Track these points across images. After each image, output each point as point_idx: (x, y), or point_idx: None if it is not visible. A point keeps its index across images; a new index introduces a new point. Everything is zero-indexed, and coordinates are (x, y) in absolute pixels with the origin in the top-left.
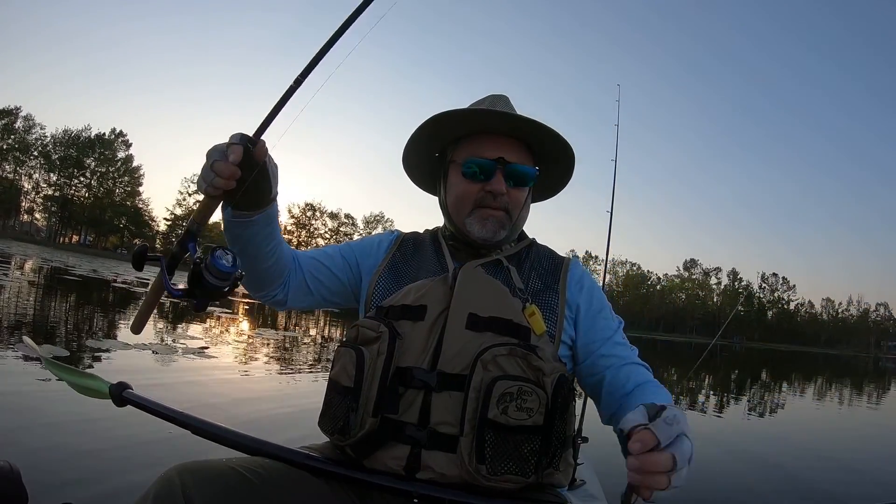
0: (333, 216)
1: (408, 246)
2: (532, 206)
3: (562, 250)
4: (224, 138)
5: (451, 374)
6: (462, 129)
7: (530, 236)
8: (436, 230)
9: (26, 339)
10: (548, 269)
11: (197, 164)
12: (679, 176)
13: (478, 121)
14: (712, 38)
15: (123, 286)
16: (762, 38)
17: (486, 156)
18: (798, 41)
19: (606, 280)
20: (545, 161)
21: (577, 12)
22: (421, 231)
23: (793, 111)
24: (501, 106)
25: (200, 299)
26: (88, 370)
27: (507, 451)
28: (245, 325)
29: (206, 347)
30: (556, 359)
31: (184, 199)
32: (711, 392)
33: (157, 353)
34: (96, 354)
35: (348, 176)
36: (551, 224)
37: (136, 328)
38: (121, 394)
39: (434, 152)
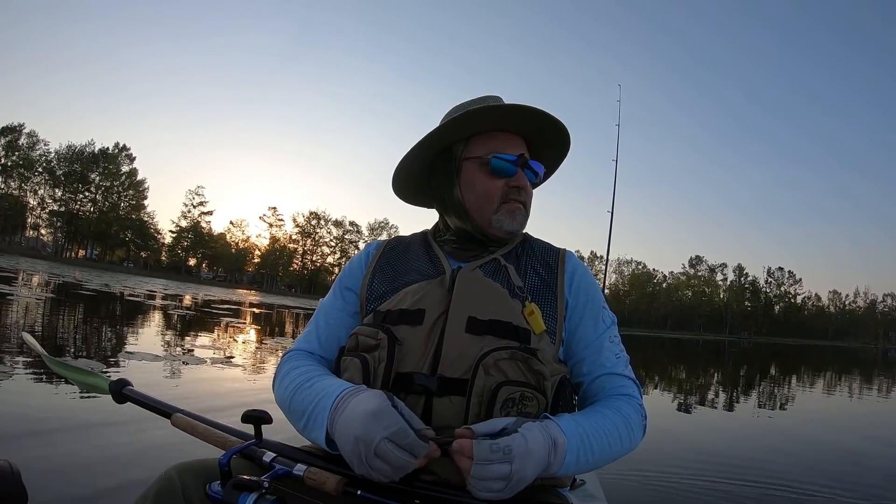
0: (338, 224)
1: (394, 248)
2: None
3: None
4: (230, 148)
5: (452, 378)
6: (479, 125)
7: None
8: (424, 232)
9: (26, 335)
10: (545, 264)
11: (201, 176)
12: (682, 173)
13: (495, 117)
14: (715, 31)
15: (137, 299)
16: (767, 32)
17: (509, 152)
18: (804, 36)
19: (613, 279)
20: (538, 156)
21: (576, 13)
22: (406, 235)
23: (795, 103)
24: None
25: None
26: (101, 370)
27: None
28: (260, 334)
29: (232, 357)
30: (556, 360)
31: (188, 212)
32: (722, 389)
33: (187, 363)
34: (127, 365)
35: (351, 184)
36: (554, 225)
37: None
38: (121, 390)
39: (435, 151)
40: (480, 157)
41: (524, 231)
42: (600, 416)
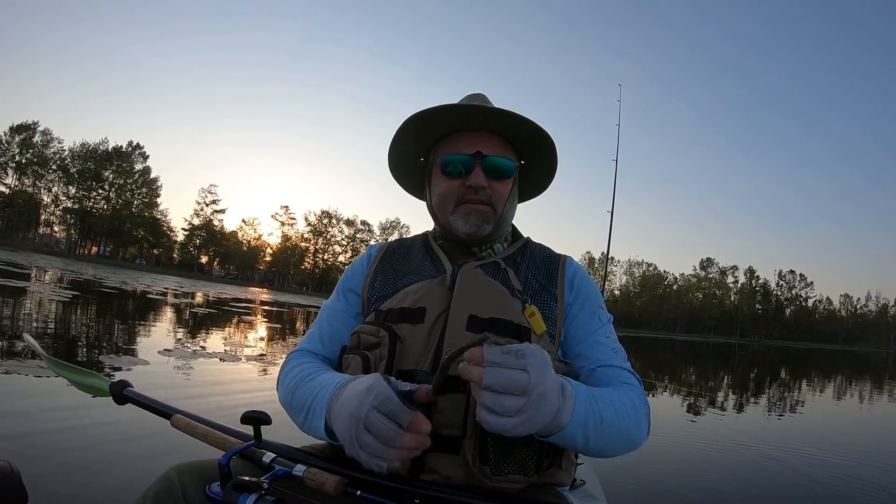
0: (350, 223)
1: (395, 250)
2: (536, 207)
3: (573, 253)
4: (243, 145)
5: (453, 376)
6: (439, 129)
7: (525, 235)
8: (426, 234)
9: (27, 336)
10: (544, 269)
11: (213, 172)
12: (695, 174)
13: (452, 119)
14: (728, 31)
15: (158, 297)
16: (782, 34)
17: (463, 151)
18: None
19: (623, 281)
20: (529, 155)
21: (577, 13)
22: (408, 237)
23: (809, 105)
24: (477, 103)
25: None
26: (94, 370)
27: (510, 451)
28: (283, 331)
29: (263, 354)
30: (556, 359)
31: (201, 210)
32: (732, 392)
33: (223, 360)
34: (167, 362)
35: (364, 183)
36: (564, 225)
37: None
38: (121, 392)
39: (418, 157)
40: (438, 161)
41: (526, 236)
42: (605, 390)
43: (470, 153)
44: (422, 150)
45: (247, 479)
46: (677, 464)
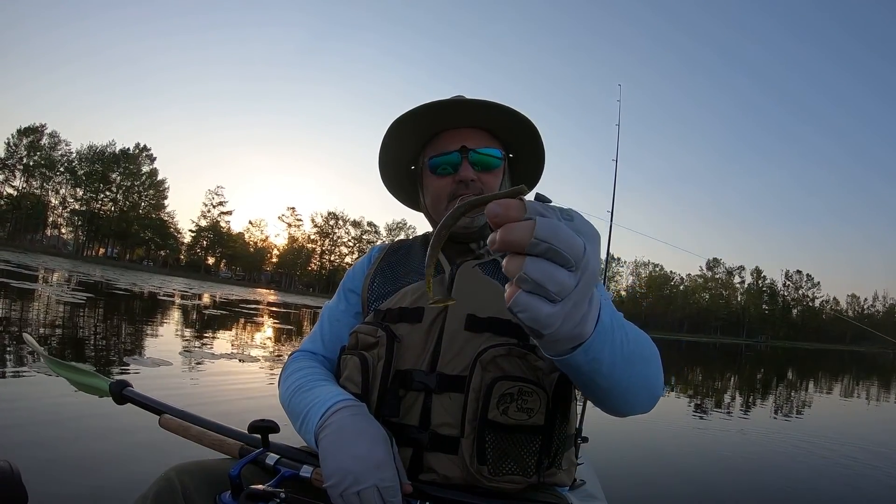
0: (356, 224)
1: (396, 250)
2: None
3: None
4: (249, 144)
5: (451, 375)
6: (421, 133)
7: None
8: (426, 234)
9: (27, 336)
10: None
11: (217, 173)
12: (702, 174)
13: (430, 119)
14: (735, 26)
15: (170, 299)
16: (790, 31)
17: (448, 149)
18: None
19: (630, 281)
20: (515, 146)
21: (578, 12)
22: (408, 238)
23: (817, 103)
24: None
25: None
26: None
27: (509, 451)
28: (290, 331)
29: (280, 355)
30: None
31: (208, 211)
32: (739, 393)
33: (242, 361)
34: (187, 364)
35: (370, 184)
36: None
37: None
38: (121, 392)
39: (409, 167)
40: (426, 163)
41: None
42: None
43: (455, 149)
44: (410, 159)
45: (261, 487)
46: (677, 464)
